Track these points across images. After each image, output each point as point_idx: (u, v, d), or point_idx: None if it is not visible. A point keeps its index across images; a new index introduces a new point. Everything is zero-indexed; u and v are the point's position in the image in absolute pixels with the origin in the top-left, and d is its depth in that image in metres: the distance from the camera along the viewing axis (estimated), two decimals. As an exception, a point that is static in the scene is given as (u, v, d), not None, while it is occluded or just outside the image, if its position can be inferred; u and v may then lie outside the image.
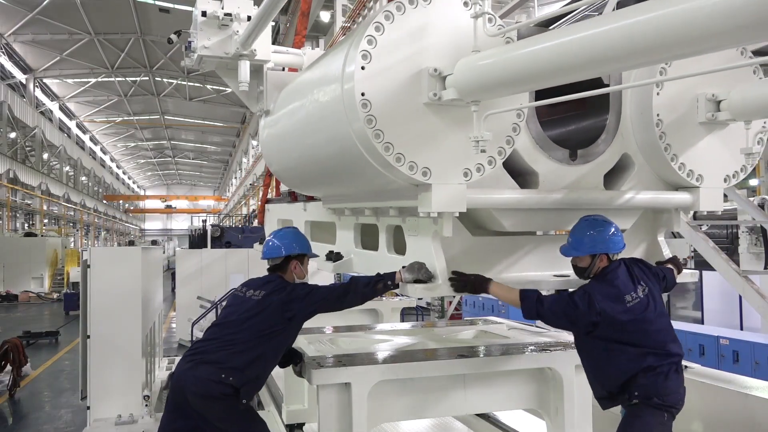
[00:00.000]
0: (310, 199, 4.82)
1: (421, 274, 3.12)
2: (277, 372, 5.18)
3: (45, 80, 37.53)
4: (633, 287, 3.26)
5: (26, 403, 9.61)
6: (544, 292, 3.27)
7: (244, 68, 4.24)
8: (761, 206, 10.63)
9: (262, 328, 3.50)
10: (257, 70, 4.40)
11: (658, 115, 3.30)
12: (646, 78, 3.28)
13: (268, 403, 5.48)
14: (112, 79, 36.87)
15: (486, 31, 2.72)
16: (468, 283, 3.16)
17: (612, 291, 3.20)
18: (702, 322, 11.31)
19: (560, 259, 3.50)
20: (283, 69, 4.61)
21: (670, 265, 3.60)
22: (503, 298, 3.26)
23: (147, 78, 37.19)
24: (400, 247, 3.54)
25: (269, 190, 8.51)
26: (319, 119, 3.25)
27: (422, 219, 3.08)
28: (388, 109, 2.74)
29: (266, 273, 3.80)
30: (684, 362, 4.60)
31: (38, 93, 37.11)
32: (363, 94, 2.69)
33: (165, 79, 37.76)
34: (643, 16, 1.91)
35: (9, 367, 10.00)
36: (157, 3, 26.53)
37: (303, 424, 4.67)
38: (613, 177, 3.51)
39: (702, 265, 11.54)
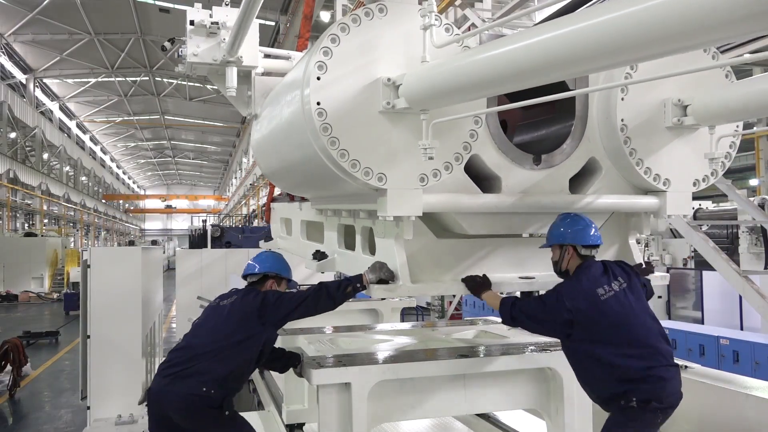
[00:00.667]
0: (304, 199, 4.86)
1: (383, 273, 3.20)
2: (277, 372, 5.19)
3: (45, 80, 37.50)
4: (607, 281, 3.20)
5: (26, 403, 9.62)
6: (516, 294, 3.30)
7: (231, 74, 4.34)
8: (761, 206, 10.63)
9: (236, 334, 3.51)
10: (246, 75, 4.50)
11: (622, 119, 3.31)
12: (610, 82, 3.27)
13: (268, 403, 5.47)
14: (112, 79, 36.84)
15: (432, 42, 2.78)
16: (473, 282, 3.25)
17: (581, 287, 3.17)
18: (702, 322, 11.30)
19: (525, 261, 3.55)
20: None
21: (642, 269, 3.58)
22: (490, 304, 3.30)
23: (147, 78, 37.17)
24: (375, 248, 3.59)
25: (275, 188, 8.60)
26: (287, 125, 3.34)
27: (387, 222, 3.14)
28: (343, 118, 2.84)
29: None
30: (684, 362, 4.62)
31: (38, 93, 37.08)
32: (318, 104, 2.81)
33: (165, 79, 37.73)
34: (580, 24, 1.89)
35: (9, 367, 10.01)
36: (157, 3, 26.50)
37: (303, 424, 4.67)
38: (580, 181, 3.52)
39: (702, 265, 11.56)
